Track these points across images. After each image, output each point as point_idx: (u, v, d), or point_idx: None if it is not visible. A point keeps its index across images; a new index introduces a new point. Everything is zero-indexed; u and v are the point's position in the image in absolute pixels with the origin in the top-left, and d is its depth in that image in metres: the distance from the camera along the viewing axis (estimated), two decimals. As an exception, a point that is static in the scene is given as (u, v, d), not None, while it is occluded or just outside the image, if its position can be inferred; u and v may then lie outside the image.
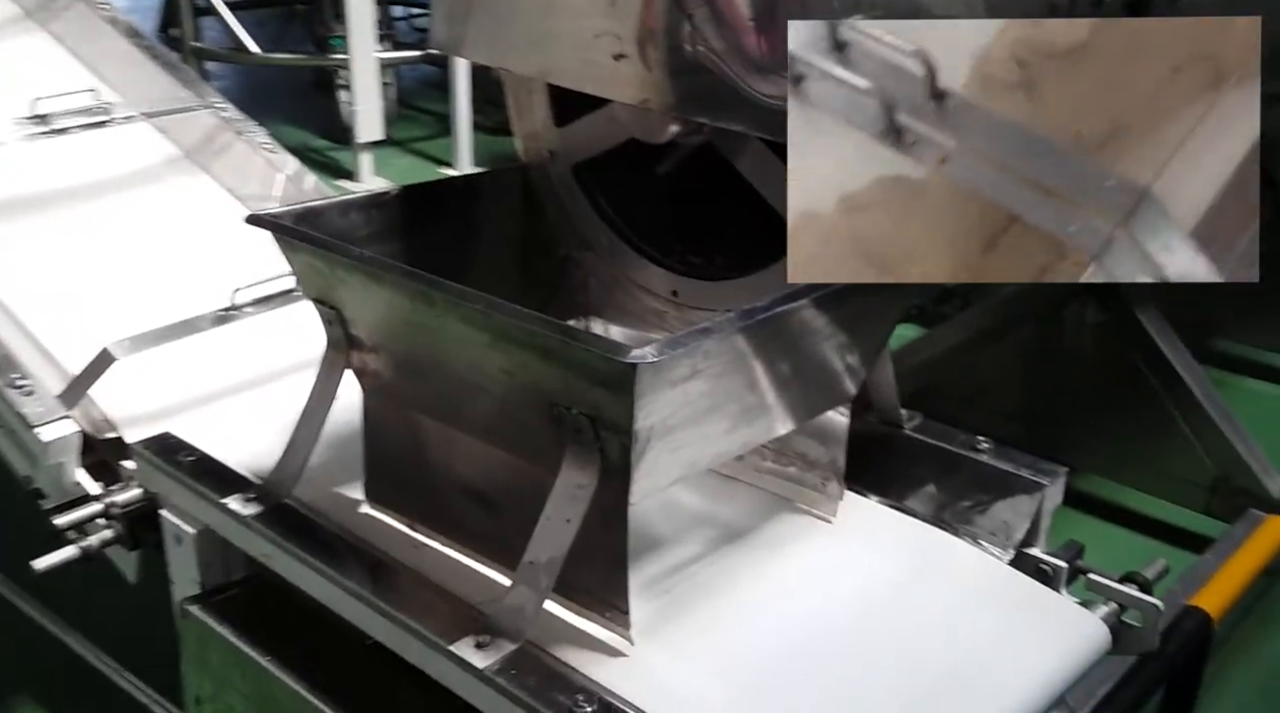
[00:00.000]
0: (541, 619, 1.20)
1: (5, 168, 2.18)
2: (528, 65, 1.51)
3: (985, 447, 1.48)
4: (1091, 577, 1.33)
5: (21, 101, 2.29)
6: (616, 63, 1.38)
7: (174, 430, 1.62)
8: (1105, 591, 1.31)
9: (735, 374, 1.21)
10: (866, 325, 1.34)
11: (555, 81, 1.48)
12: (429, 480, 1.42)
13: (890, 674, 1.22)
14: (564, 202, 1.65)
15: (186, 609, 1.41)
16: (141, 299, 2.02)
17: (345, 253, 1.30)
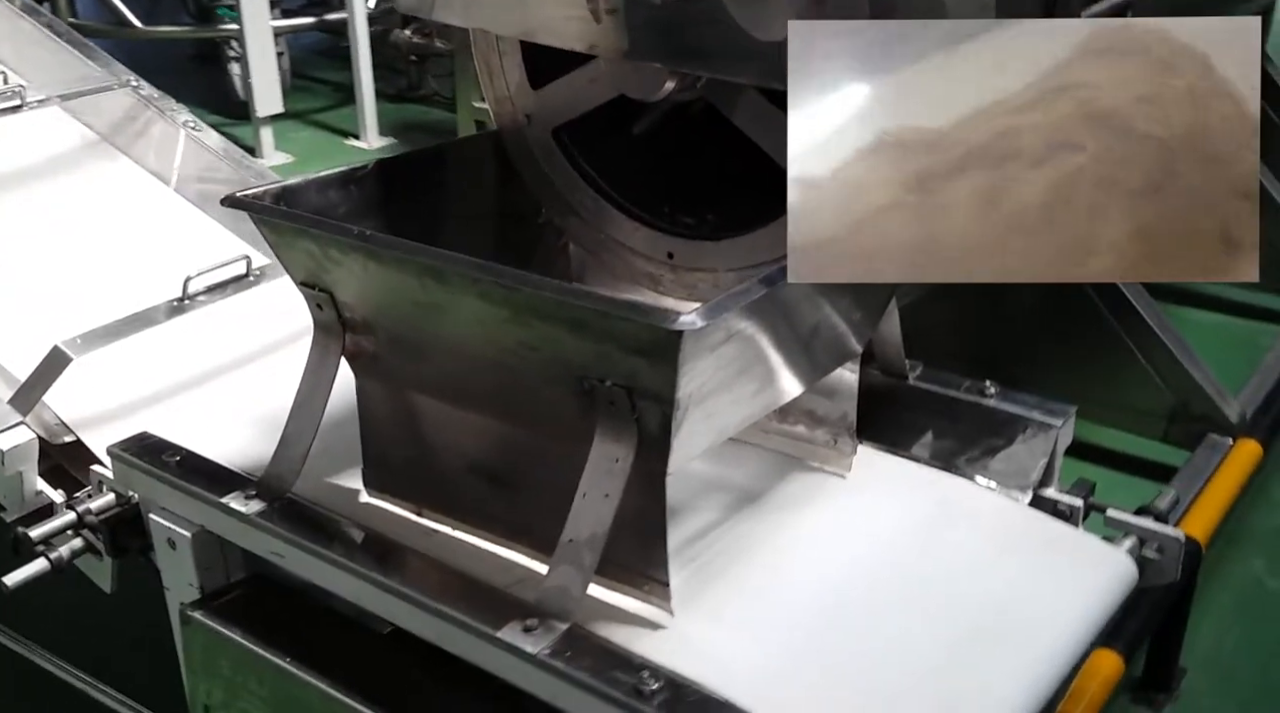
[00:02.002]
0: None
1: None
2: (506, 25, 1.44)
3: (992, 391, 1.49)
4: (1111, 513, 1.36)
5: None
6: (607, 17, 1.33)
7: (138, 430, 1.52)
8: (1126, 526, 1.34)
9: (764, 336, 1.19)
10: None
11: (538, 40, 1.42)
12: (436, 464, 1.36)
13: (930, 622, 1.23)
14: (543, 167, 1.60)
15: (189, 615, 1.33)
16: (79, 293, 1.90)
17: (345, 233, 1.23)
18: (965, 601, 1.25)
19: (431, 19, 1.47)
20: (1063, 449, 1.44)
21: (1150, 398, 2.27)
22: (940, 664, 1.17)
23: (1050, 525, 1.35)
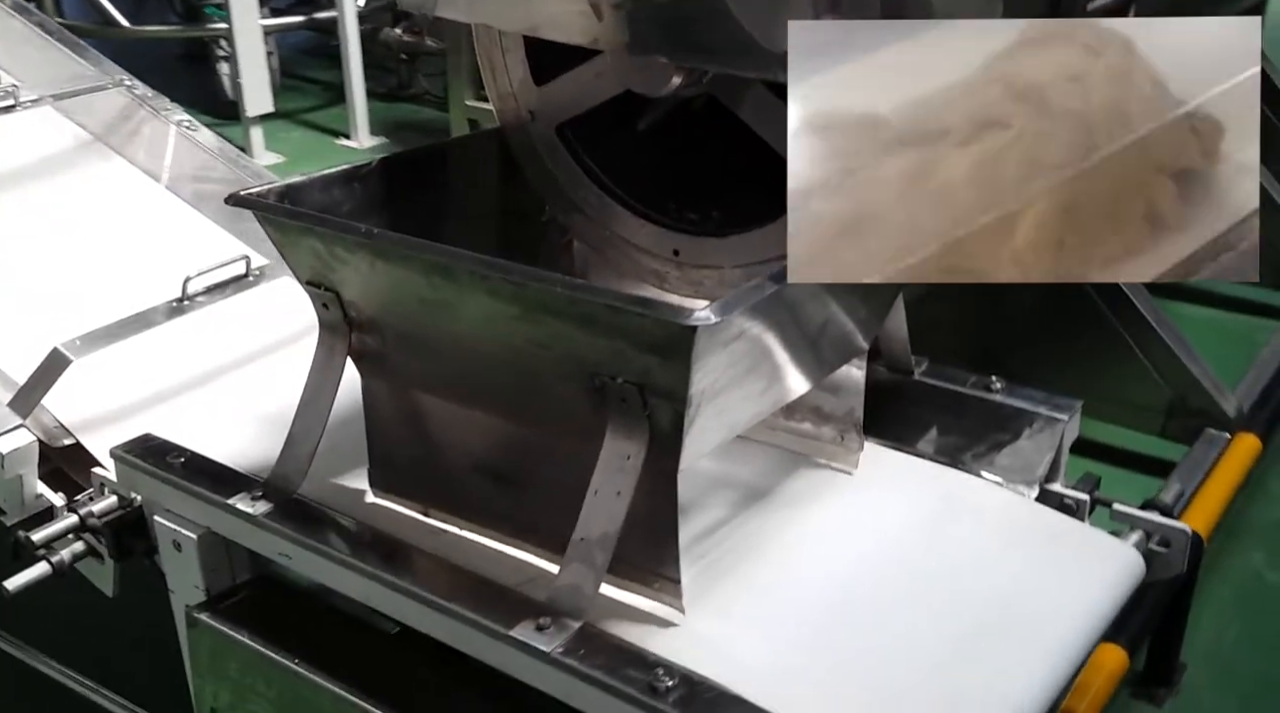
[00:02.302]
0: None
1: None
2: (511, 20, 1.43)
3: (998, 386, 1.49)
4: (1117, 507, 1.36)
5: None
6: (612, 12, 1.33)
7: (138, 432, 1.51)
8: (1132, 519, 1.34)
9: (775, 332, 1.19)
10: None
11: (543, 35, 1.41)
12: (443, 464, 1.36)
13: (939, 617, 1.23)
14: (547, 164, 1.59)
15: (195, 618, 1.32)
16: (76, 294, 1.88)
17: (352, 231, 1.22)
18: (974, 596, 1.25)
19: (435, 15, 1.46)
20: (1069, 444, 1.44)
21: (1148, 393, 2.28)
22: (949, 660, 1.17)
23: (1058, 520, 1.35)
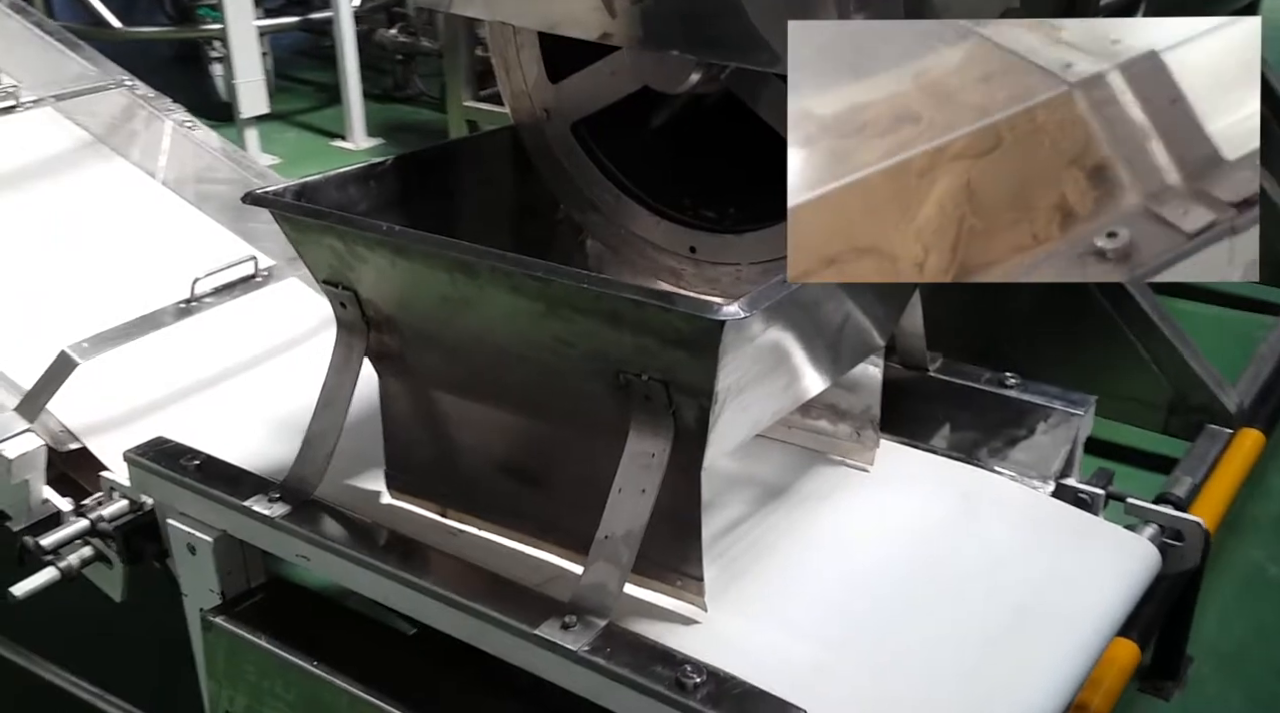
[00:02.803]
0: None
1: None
2: (528, 17, 1.43)
3: (1013, 382, 1.50)
4: (1131, 501, 1.37)
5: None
6: (632, 8, 1.33)
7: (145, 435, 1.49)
8: (1146, 513, 1.35)
9: (799, 328, 1.19)
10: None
11: (561, 32, 1.41)
12: (461, 464, 1.35)
13: (962, 613, 1.23)
14: (562, 162, 1.59)
15: (211, 621, 1.31)
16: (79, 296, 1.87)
17: (373, 229, 1.21)
18: (996, 591, 1.25)
19: (452, 12, 1.46)
20: (1083, 439, 1.44)
21: (1150, 389, 2.29)
22: (975, 654, 1.17)
23: (1075, 515, 1.36)
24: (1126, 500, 1.37)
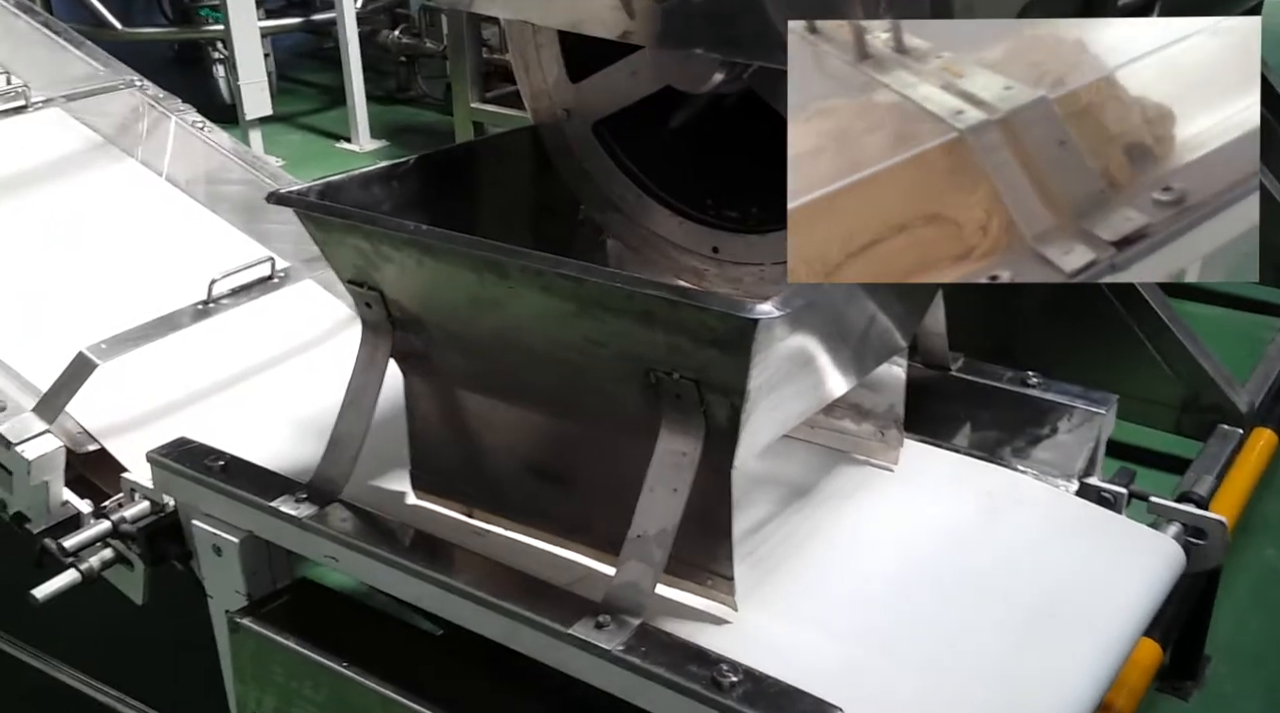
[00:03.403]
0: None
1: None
2: (550, 16, 1.43)
3: (1035, 381, 1.50)
4: (1154, 500, 1.37)
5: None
6: (654, 7, 1.33)
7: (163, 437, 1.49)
8: (1169, 512, 1.35)
9: (829, 327, 1.19)
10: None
11: (584, 31, 1.40)
12: (488, 464, 1.35)
13: (992, 611, 1.23)
14: (582, 162, 1.59)
15: (238, 623, 1.30)
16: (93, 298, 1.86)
17: (400, 228, 1.21)
18: (1024, 590, 1.25)
19: (474, 11, 1.45)
20: (1106, 438, 1.44)
21: (1161, 389, 2.30)
22: (1006, 653, 1.17)
23: (1099, 514, 1.36)
24: (1149, 500, 1.37)
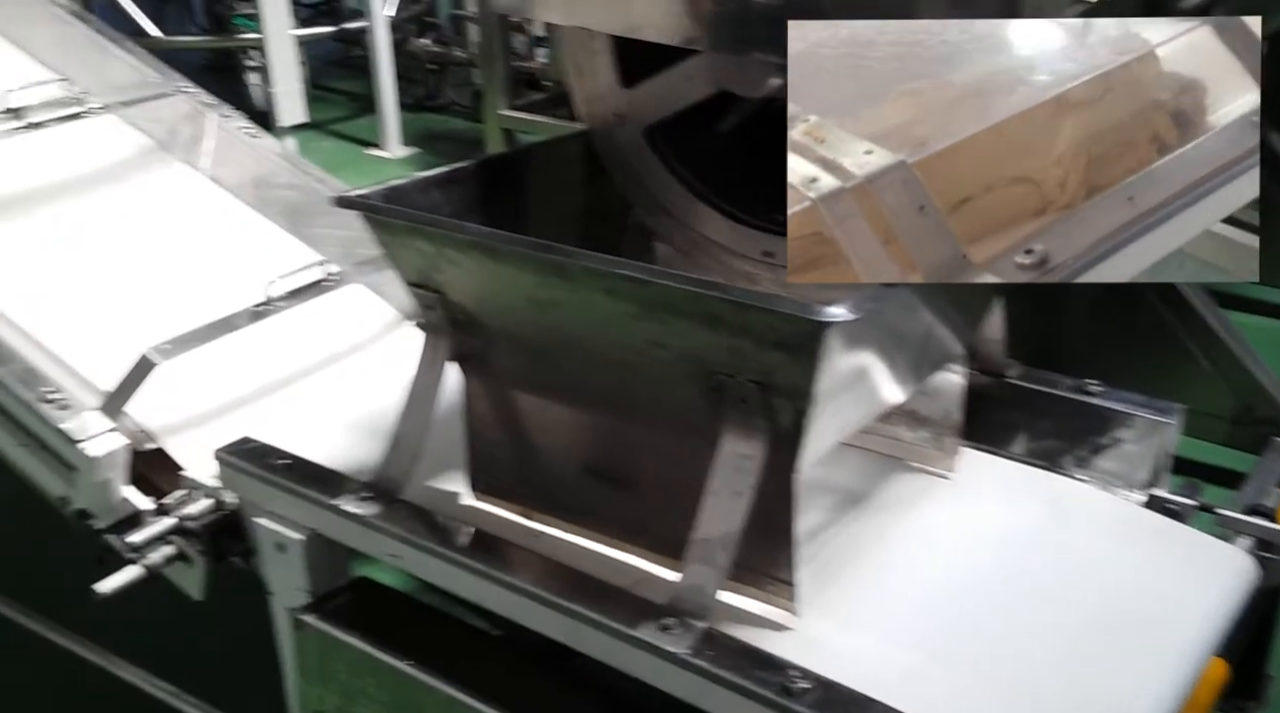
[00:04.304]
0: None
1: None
2: (609, 22, 1.43)
3: (1097, 389, 1.48)
4: (1223, 513, 1.35)
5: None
6: (715, 12, 1.33)
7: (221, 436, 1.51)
8: (1240, 525, 1.33)
9: (894, 331, 1.18)
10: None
11: (643, 37, 1.41)
12: (546, 466, 1.35)
13: (1060, 622, 1.21)
14: (635, 166, 1.59)
15: (301, 620, 1.31)
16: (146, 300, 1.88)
17: (465, 231, 1.22)
18: (1093, 602, 1.23)
19: (531, 18, 1.47)
20: (1172, 448, 1.43)
21: (1212, 400, 2.26)
22: (1077, 666, 1.15)
23: (1171, 526, 1.34)
24: (1216, 512, 1.35)
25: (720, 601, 1.19)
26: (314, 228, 2.11)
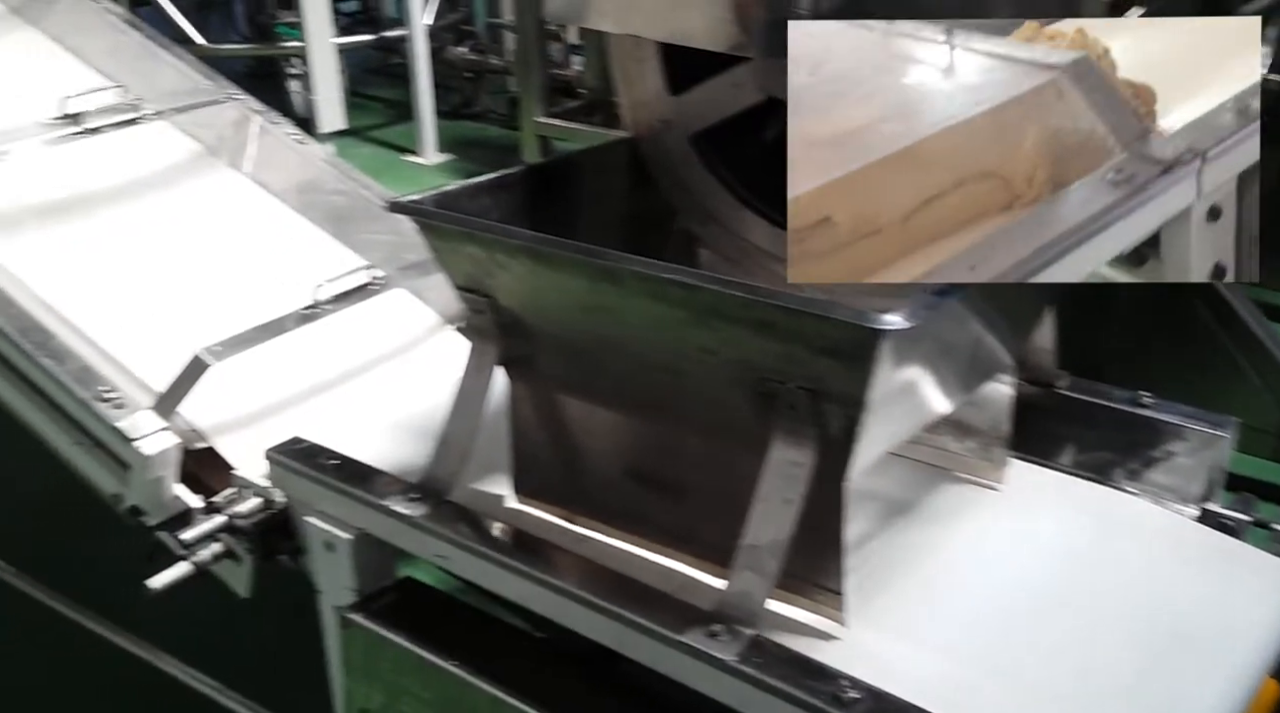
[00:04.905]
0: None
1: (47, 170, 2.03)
2: (660, 29, 1.44)
3: (1149, 401, 1.47)
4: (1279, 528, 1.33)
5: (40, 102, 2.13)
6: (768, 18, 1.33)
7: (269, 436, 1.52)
8: (1297, 540, 1.31)
9: (947, 339, 1.18)
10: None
11: (695, 44, 1.41)
12: (591, 470, 1.36)
13: (1113, 637, 1.20)
14: (681, 173, 1.59)
15: (349, 618, 1.32)
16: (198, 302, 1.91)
17: (516, 236, 1.23)
18: (1148, 616, 1.22)
19: (583, 25, 1.48)
20: (1225, 462, 1.41)
21: (1259, 414, 2.23)
22: (1131, 681, 1.14)
23: (1226, 542, 1.32)
24: (1273, 528, 1.33)
25: (767, 609, 1.19)
26: (358, 233, 2.14)
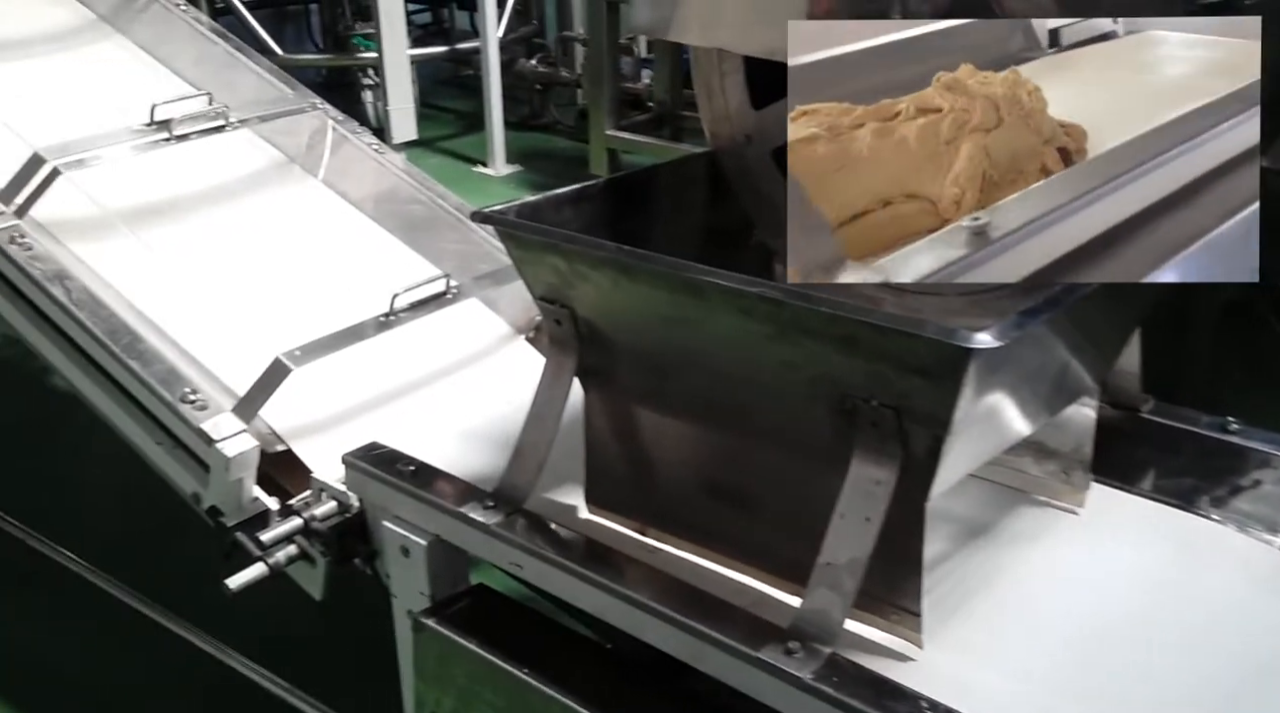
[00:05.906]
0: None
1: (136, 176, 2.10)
2: (747, 44, 1.45)
3: (1236, 427, 1.43)
4: (1371, 559, 1.29)
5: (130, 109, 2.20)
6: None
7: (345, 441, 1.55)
8: (1390, 572, 1.27)
9: (1034, 359, 1.16)
10: (1136, 299, 1.29)
11: (779, 58, 1.41)
12: (665, 483, 1.36)
13: (1197, 667, 1.17)
14: (761, 187, 1.60)
15: (423, 623, 1.34)
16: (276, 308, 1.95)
17: (598, 247, 1.24)
18: (1232, 646, 1.18)
19: (669, 39, 1.49)
20: (1316, 491, 1.37)
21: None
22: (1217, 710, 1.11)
23: (1315, 572, 1.28)
24: (1363, 559, 1.29)
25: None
26: (434, 242, 2.17)
